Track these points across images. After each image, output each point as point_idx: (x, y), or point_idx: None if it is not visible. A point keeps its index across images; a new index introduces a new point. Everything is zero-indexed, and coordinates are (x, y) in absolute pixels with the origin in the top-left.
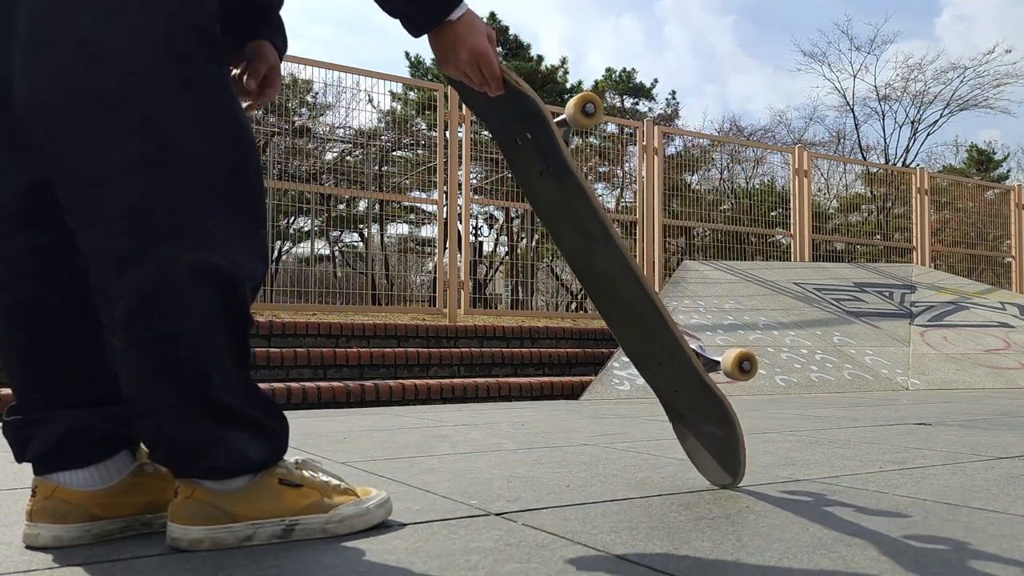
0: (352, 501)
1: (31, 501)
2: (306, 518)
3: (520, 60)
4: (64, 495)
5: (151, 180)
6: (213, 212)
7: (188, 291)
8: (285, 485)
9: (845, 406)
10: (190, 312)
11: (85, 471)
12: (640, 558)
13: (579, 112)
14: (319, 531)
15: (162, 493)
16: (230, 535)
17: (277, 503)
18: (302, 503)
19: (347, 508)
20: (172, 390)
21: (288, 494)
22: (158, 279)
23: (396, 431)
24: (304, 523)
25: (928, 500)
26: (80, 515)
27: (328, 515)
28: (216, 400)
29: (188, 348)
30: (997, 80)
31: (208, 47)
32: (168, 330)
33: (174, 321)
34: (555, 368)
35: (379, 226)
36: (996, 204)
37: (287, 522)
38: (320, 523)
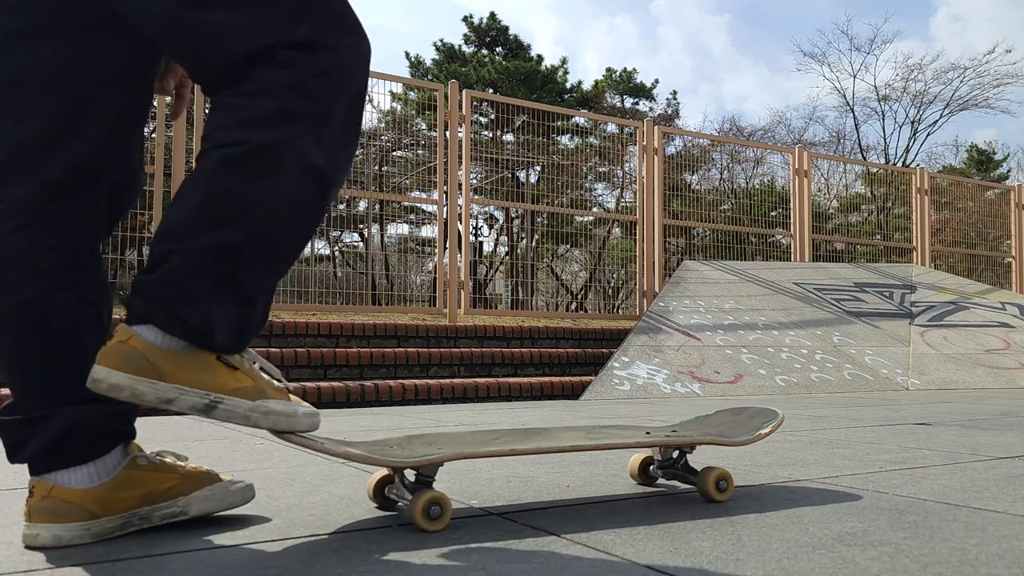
0: (283, 400)
1: (28, 501)
2: (231, 399)
3: (520, 60)
4: (62, 494)
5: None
6: (336, 116)
7: (294, 173)
8: (221, 363)
9: (845, 406)
10: (282, 188)
11: (82, 469)
12: (640, 558)
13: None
14: (241, 417)
15: (158, 484)
16: (152, 391)
17: (208, 376)
18: (232, 384)
19: (275, 403)
20: (213, 241)
21: (221, 371)
22: (277, 148)
23: (396, 431)
24: (228, 403)
25: (928, 500)
26: (79, 514)
27: (254, 403)
28: (242, 275)
29: (261, 216)
30: (997, 80)
31: None
32: (255, 190)
33: (268, 188)
34: (555, 368)
35: (379, 226)
36: (996, 204)
37: (211, 398)
38: (244, 409)
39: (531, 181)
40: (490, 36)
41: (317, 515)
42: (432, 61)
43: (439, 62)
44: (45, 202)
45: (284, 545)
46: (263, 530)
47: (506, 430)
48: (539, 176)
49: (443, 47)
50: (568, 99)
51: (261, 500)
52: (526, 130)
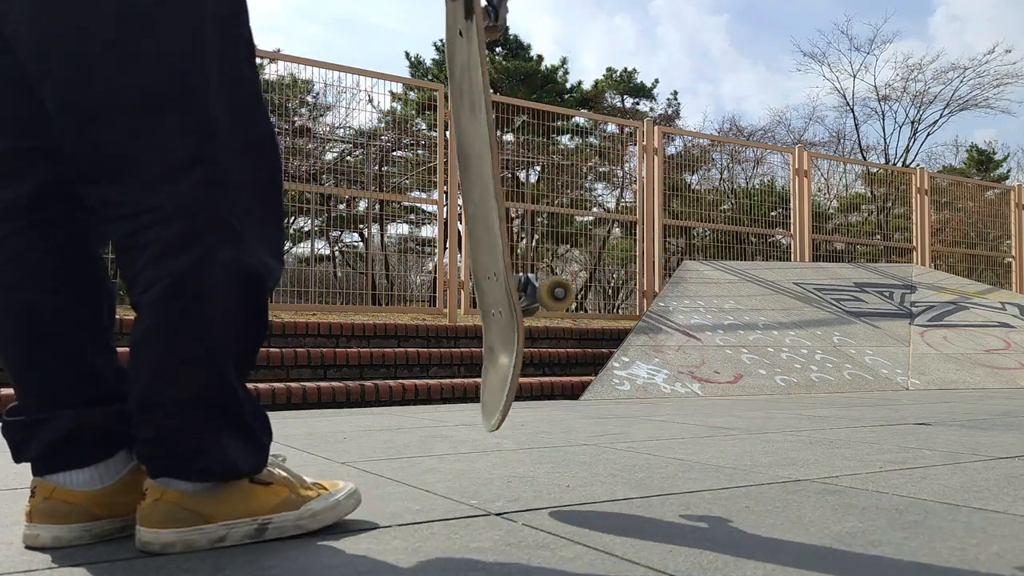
0: (321, 496)
1: (30, 502)
2: (278, 516)
3: (520, 60)
4: (64, 495)
5: (201, 178)
6: (249, 212)
7: (223, 286)
8: (256, 484)
9: (845, 406)
10: (221, 306)
11: (85, 471)
12: (640, 558)
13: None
14: (292, 528)
15: None
16: (202, 536)
17: (249, 502)
18: (273, 501)
19: (316, 503)
20: (190, 382)
21: (259, 492)
22: (198, 270)
23: (396, 431)
24: (276, 521)
25: (928, 500)
26: (80, 515)
27: (300, 511)
28: (226, 401)
29: (213, 343)
30: (997, 80)
31: (249, 48)
32: (199, 320)
33: (206, 312)
34: (555, 368)
35: (379, 226)
36: (996, 204)
37: (260, 521)
38: (292, 520)
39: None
40: None
41: None
42: (432, 61)
43: (439, 62)
44: (41, 203)
45: (283, 545)
46: None
47: None
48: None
49: (443, 47)
50: (568, 99)
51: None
52: (526, 130)
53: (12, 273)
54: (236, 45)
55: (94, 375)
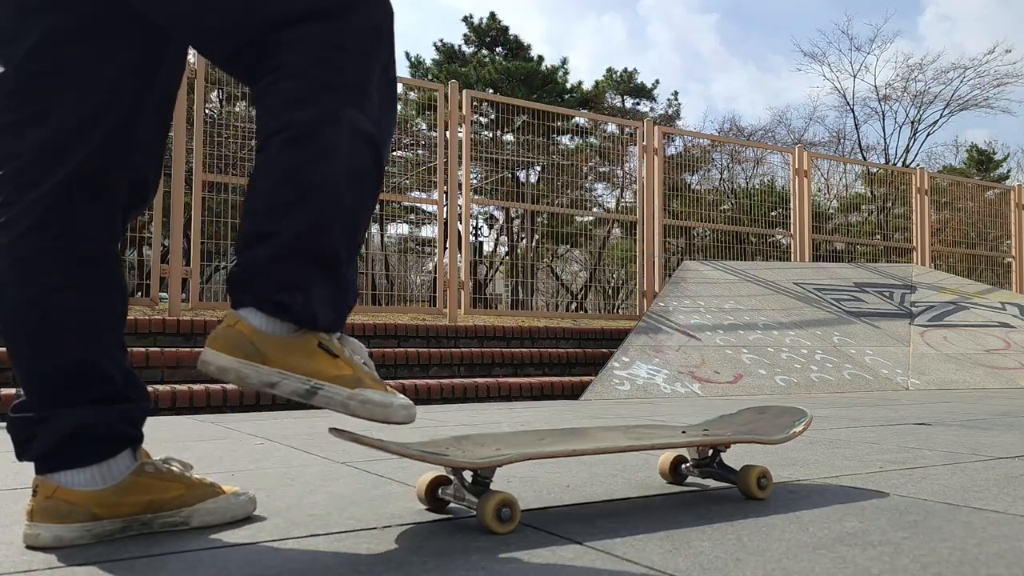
0: (380, 390)
1: (32, 501)
2: (331, 386)
3: (520, 60)
4: (65, 495)
5: (335, 34)
6: (373, 76)
7: (346, 144)
8: (323, 349)
9: (845, 406)
10: (339, 162)
11: (87, 471)
12: (640, 558)
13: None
14: (339, 404)
15: (162, 492)
16: (256, 374)
17: (310, 362)
18: (333, 372)
19: (373, 393)
20: (295, 224)
21: (322, 358)
22: (325, 124)
23: (396, 430)
24: (328, 390)
25: (928, 500)
26: (81, 515)
27: (353, 391)
28: (328, 252)
29: (328, 193)
30: (997, 80)
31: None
32: (320, 169)
33: (327, 164)
34: (555, 368)
35: (379, 226)
36: (996, 204)
37: (313, 383)
38: (343, 396)
39: (531, 181)
40: (490, 36)
41: (317, 515)
42: (432, 61)
43: (439, 62)
44: (57, 203)
45: (284, 545)
46: (263, 530)
47: (548, 431)
48: (539, 176)
49: (443, 47)
50: (568, 99)
51: (261, 500)
52: (526, 130)
53: (23, 271)
54: None
55: (100, 375)
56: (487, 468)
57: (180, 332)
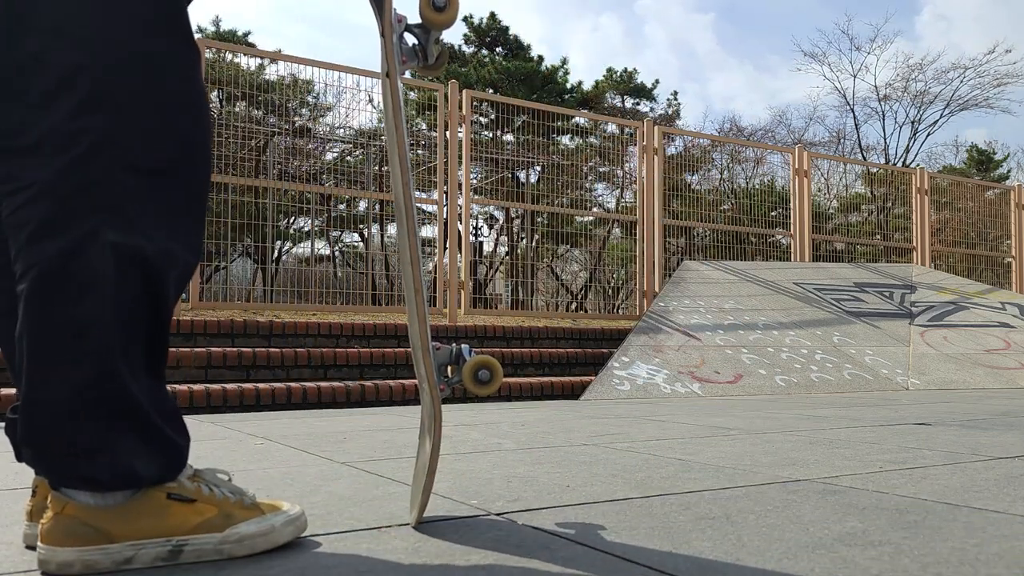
0: (255, 518)
1: (31, 501)
2: (197, 538)
3: (520, 60)
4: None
5: (86, 155)
6: (152, 197)
7: (106, 273)
8: (174, 500)
9: (845, 406)
10: (105, 297)
11: None
12: (640, 558)
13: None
14: (213, 552)
15: None
16: (105, 557)
17: (162, 521)
18: (193, 521)
19: (247, 526)
20: (67, 382)
21: (176, 510)
22: (76, 255)
23: (396, 431)
24: (194, 543)
25: (928, 500)
26: None
27: (224, 534)
28: (114, 401)
29: (96, 337)
30: (997, 80)
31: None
32: (78, 312)
33: (86, 304)
34: (555, 368)
35: (379, 226)
36: (996, 204)
37: (174, 543)
38: (214, 543)
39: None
40: (490, 36)
41: (317, 515)
42: None
43: None
44: None
45: (284, 545)
46: None
47: None
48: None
49: None
50: (568, 99)
51: (261, 500)
52: (526, 130)
53: (7, 277)
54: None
55: None
56: None
57: (180, 332)
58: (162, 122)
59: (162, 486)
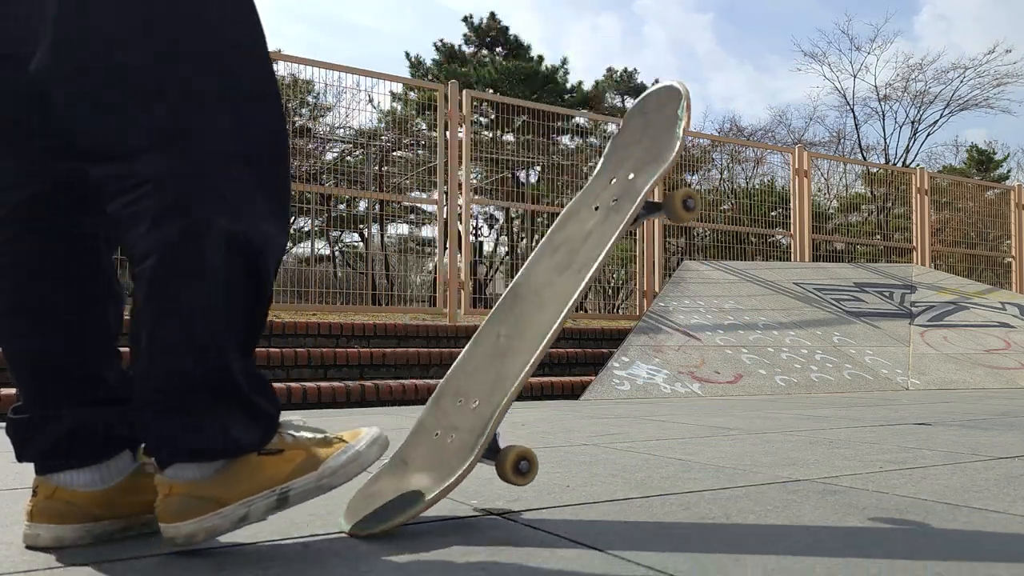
0: (339, 449)
1: (32, 501)
2: (297, 482)
3: (520, 60)
4: (65, 495)
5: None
6: (248, 183)
7: (219, 259)
8: (266, 455)
9: (845, 406)
10: (217, 282)
11: (87, 471)
12: (640, 558)
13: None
14: (315, 490)
15: None
16: (223, 520)
17: (262, 475)
18: (287, 468)
19: (335, 459)
20: (178, 362)
21: (270, 463)
22: (193, 241)
23: (396, 431)
24: (296, 487)
25: (928, 500)
26: (81, 515)
27: (319, 471)
28: (221, 380)
29: (208, 319)
30: (997, 80)
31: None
32: (193, 295)
33: (199, 288)
34: (555, 368)
35: (379, 226)
36: (996, 204)
37: (279, 491)
38: (313, 482)
39: (531, 181)
40: (490, 36)
41: (317, 515)
42: (432, 61)
43: (439, 62)
44: (46, 207)
45: (284, 545)
46: (263, 530)
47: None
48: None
49: (443, 47)
50: (568, 99)
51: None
52: (526, 130)
53: (16, 276)
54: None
55: (97, 377)
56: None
57: None
58: (248, 113)
59: None
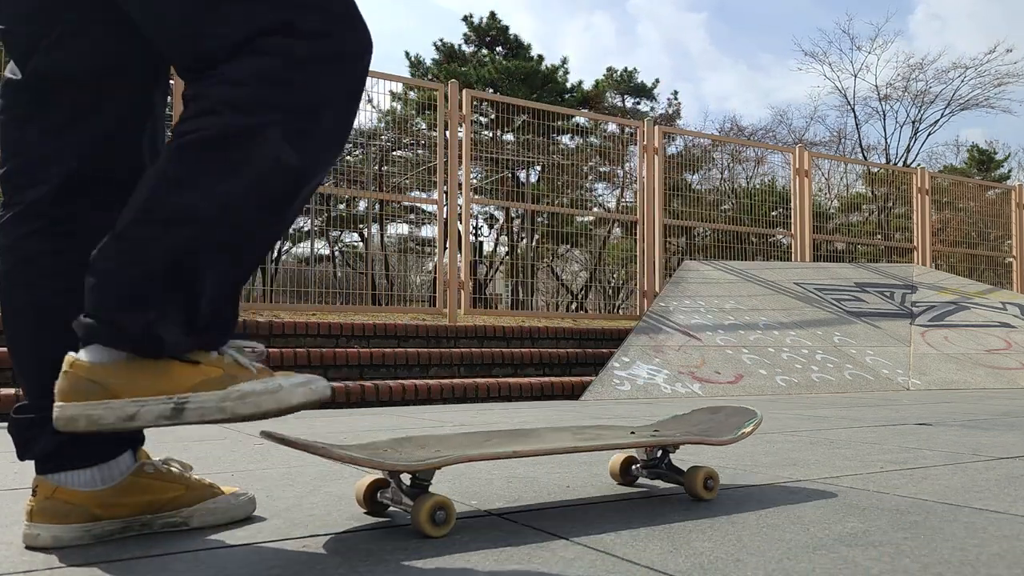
0: (260, 378)
1: (31, 501)
2: (198, 395)
3: (520, 60)
4: (65, 495)
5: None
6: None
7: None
8: (178, 360)
9: (846, 406)
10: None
11: (87, 471)
12: (640, 558)
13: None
14: (215, 410)
15: (162, 493)
16: (109, 412)
17: (164, 379)
18: (195, 379)
19: (249, 384)
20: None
21: (180, 370)
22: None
23: (397, 431)
24: (196, 400)
25: (929, 500)
26: (80, 515)
27: (226, 391)
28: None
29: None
30: (998, 80)
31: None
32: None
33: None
34: (555, 368)
35: (379, 226)
36: (997, 204)
37: (175, 400)
38: (215, 400)
39: (531, 181)
40: (490, 36)
41: (317, 515)
42: (432, 61)
43: (439, 62)
44: (59, 203)
45: (284, 545)
46: (263, 530)
47: (495, 431)
48: (539, 176)
49: (443, 47)
50: (568, 99)
51: (261, 500)
52: (526, 130)
53: (27, 273)
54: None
55: None
56: (425, 471)
57: None
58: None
59: None
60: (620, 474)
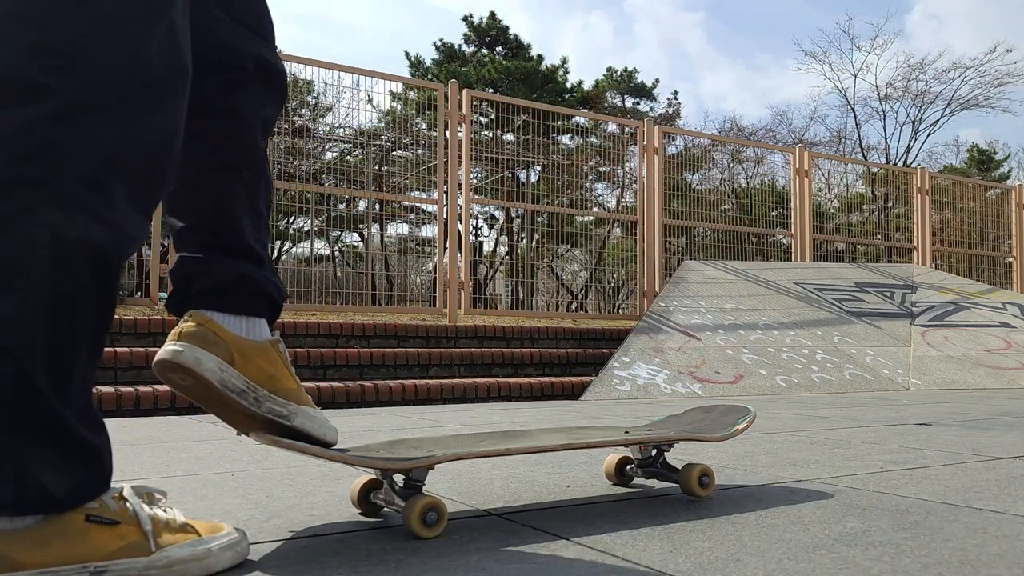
0: (188, 540)
1: (182, 325)
2: (119, 563)
3: (520, 60)
4: (215, 328)
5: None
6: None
7: (36, 259)
8: (93, 523)
9: (846, 406)
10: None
11: (238, 319)
12: (640, 558)
13: (697, 485)
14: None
15: None
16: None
17: (80, 545)
18: (114, 545)
19: (178, 549)
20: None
21: (96, 533)
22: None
23: (396, 431)
24: (116, 568)
25: (929, 500)
26: (223, 351)
27: (151, 558)
28: (28, 404)
29: (22, 332)
30: (998, 80)
31: None
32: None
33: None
34: (555, 368)
35: (379, 226)
36: (997, 204)
37: (93, 568)
38: (138, 568)
39: (531, 181)
40: (490, 36)
41: (317, 515)
42: (432, 61)
43: (439, 62)
44: None
45: (284, 545)
46: (263, 530)
47: (489, 433)
48: (539, 176)
49: (443, 47)
50: (568, 99)
51: (261, 500)
52: (526, 130)
53: (192, 151)
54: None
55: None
56: (417, 470)
57: None
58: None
59: (81, 508)
60: (615, 474)
